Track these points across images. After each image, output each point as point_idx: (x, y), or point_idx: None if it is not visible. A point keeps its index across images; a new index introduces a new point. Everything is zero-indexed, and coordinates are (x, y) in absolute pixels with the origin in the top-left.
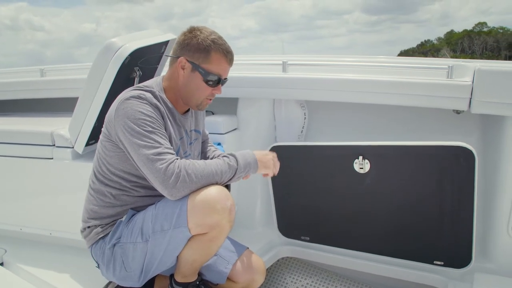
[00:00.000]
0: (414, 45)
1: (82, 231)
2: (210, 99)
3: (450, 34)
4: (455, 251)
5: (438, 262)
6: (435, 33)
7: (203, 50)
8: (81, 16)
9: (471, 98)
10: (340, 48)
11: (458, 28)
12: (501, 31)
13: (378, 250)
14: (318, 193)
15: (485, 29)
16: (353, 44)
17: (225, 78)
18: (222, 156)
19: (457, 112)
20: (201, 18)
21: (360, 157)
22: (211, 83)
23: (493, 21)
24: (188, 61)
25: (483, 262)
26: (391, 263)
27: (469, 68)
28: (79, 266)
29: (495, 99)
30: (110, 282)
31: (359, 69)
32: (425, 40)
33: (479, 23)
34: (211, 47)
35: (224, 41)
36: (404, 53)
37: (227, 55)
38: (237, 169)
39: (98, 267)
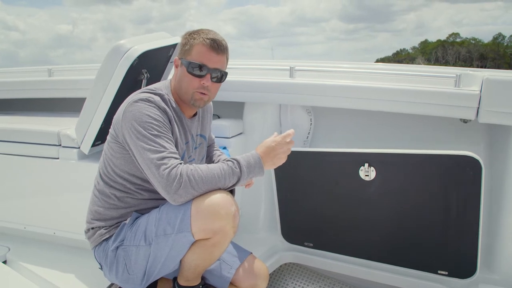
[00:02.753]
0: (390, 54)
1: (86, 232)
2: (203, 93)
3: (425, 43)
4: (460, 261)
5: (442, 272)
6: (410, 42)
7: (187, 43)
8: (57, 17)
9: (478, 108)
10: (318, 55)
11: (432, 38)
12: (473, 42)
13: (381, 258)
14: (322, 200)
15: (458, 40)
16: (331, 51)
17: (216, 68)
18: (226, 161)
19: (465, 121)
20: (179, 22)
21: (366, 164)
22: (196, 73)
23: (465, 32)
24: (178, 58)
25: (488, 273)
26: (395, 271)
27: (477, 77)
28: (82, 267)
29: (503, 109)
30: (112, 284)
31: (366, 76)
32: (400, 49)
33: (453, 33)
34: (194, 38)
35: (210, 31)
36: (380, 61)
37: (211, 42)
38: (240, 175)
39: (101, 268)
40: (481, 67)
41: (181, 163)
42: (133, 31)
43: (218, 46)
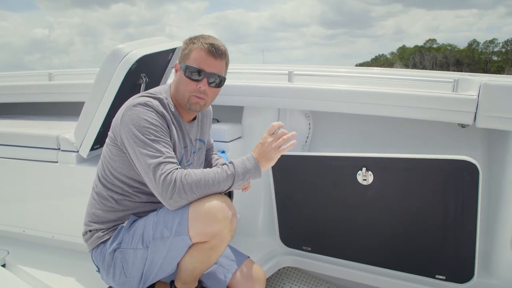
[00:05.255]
0: (369, 59)
1: (83, 235)
2: (199, 97)
3: (403, 49)
4: (458, 265)
5: (440, 277)
6: (389, 48)
7: (186, 48)
8: (33, 21)
9: (476, 112)
10: (298, 60)
11: (410, 43)
12: (449, 48)
13: (379, 262)
14: (320, 204)
15: (434, 46)
16: (310, 56)
17: (213, 73)
18: (221, 164)
19: (462, 126)
20: (158, 27)
21: (364, 169)
22: (193, 77)
23: (442, 38)
24: (178, 63)
25: (485, 277)
26: (392, 275)
27: (474, 82)
28: (80, 270)
29: (501, 114)
30: (110, 287)
31: (365, 80)
32: (379, 55)
33: (430, 39)
34: (194, 43)
35: (210, 37)
36: (359, 66)
37: (208, 47)
38: (235, 177)
39: (98, 271)
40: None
41: (177, 168)
42: (112, 35)
43: (216, 51)
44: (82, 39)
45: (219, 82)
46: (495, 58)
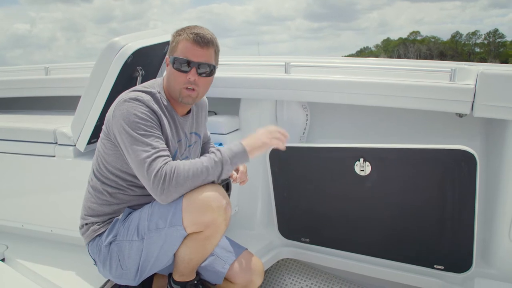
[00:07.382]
0: (354, 52)
1: (80, 228)
2: (192, 89)
3: (387, 41)
4: (456, 255)
5: (439, 267)
6: (373, 40)
7: (174, 41)
8: (13, 16)
9: (473, 102)
10: (283, 54)
11: (395, 36)
12: (433, 40)
13: (378, 253)
14: (319, 195)
15: (418, 38)
16: (296, 50)
17: (202, 62)
18: (209, 153)
19: (460, 115)
20: (142, 21)
21: (361, 159)
22: (182, 68)
23: (426, 31)
24: (168, 56)
25: (484, 267)
26: (391, 266)
27: (472, 71)
28: (79, 264)
29: (498, 103)
30: (108, 280)
31: (362, 71)
32: (364, 47)
33: (414, 32)
34: (180, 34)
35: (197, 27)
36: None
37: (193, 36)
38: (223, 162)
39: (95, 264)
40: None
41: (166, 163)
42: (95, 30)
43: (201, 40)
44: (64, 34)
45: (210, 71)
46: (477, 49)
